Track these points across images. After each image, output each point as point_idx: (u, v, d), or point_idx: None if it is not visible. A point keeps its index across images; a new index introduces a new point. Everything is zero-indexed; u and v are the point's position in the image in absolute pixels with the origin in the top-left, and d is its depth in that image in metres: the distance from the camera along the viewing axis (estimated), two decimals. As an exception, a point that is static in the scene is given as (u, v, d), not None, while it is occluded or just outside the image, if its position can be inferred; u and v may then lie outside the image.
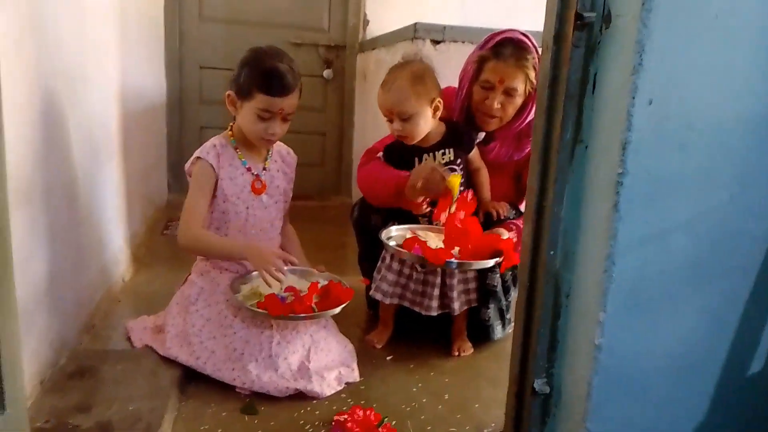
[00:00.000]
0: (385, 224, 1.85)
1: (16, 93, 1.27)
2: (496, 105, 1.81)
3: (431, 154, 1.80)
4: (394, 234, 1.78)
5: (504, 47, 1.77)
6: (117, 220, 2.21)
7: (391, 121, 1.77)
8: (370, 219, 1.91)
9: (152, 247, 2.67)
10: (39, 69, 1.43)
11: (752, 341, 1.11)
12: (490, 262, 1.66)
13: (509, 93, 1.80)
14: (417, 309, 1.82)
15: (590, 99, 1.04)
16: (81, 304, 1.74)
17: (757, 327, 1.10)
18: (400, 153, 1.82)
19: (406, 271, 1.82)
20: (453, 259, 1.62)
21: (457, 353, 1.84)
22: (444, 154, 1.82)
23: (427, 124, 1.77)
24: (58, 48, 1.57)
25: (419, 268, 1.80)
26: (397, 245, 1.69)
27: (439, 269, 1.78)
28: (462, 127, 1.89)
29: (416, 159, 1.80)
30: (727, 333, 1.09)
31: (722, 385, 1.11)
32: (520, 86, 1.79)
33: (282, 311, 1.53)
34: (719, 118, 1.00)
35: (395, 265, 1.82)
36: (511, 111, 1.84)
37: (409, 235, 1.72)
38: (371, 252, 1.93)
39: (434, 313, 1.81)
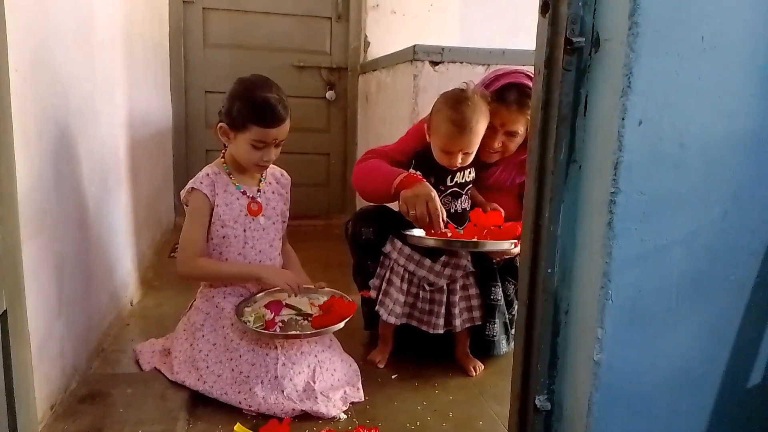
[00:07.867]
0: (376, 238, 1.89)
1: (27, 127, 1.31)
2: (497, 145, 1.86)
3: (461, 171, 1.82)
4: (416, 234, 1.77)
5: (509, 92, 1.80)
6: (126, 244, 2.25)
7: (450, 153, 1.75)
8: (362, 233, 1.93)
9: (160, 270, 2.70)
10: (49, 103, 1.47)
11: (751, 354, 1.12)
12: (504, 244, 1.70)
13: (510, 134, 1.85)
14: (424, 328, 1.84)
15: (582, 120, 1.06)
16: (91, 328, 1.76)
17: (755, 340, 1.12)
18: (431, 165, 1.82)
19: (413, 290, 1.84)
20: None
21: (474, 373, 1.85)
22: (469, 173, 1.86)
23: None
24: (68, 81, 1.61)
25: (427, 287, 1.82)
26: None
27: (445, 287, 1.81)
28: None
29: (447, 176, 1.81)
30: (726, 346, 1.10)
31: (722, 398, 1.12)
32: (521, 128, 1.83)
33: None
34: (711, 136, 1.02)
35: (404, 286, 1.84)
36: (513, 147, 1.89)
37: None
38: (364, 266, 1.96)
39: (441, 331, 1.82)
